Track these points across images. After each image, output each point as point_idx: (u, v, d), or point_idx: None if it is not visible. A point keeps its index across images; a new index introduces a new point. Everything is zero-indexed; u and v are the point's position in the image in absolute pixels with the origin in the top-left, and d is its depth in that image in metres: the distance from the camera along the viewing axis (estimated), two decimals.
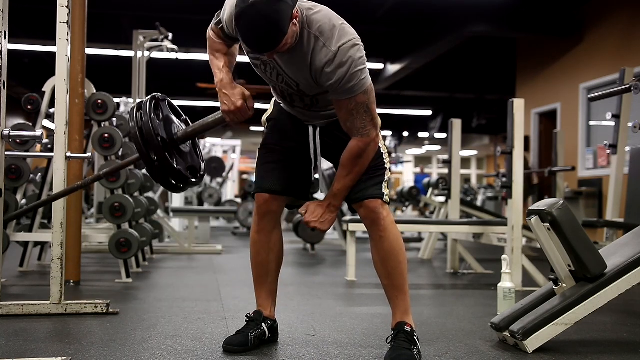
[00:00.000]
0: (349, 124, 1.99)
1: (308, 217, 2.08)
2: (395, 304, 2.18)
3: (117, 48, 9.54)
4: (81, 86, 3.75)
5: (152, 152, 2.01)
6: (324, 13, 1.94)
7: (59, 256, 2.76)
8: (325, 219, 2.08)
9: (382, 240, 2.12)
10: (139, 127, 2.01)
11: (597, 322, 2.75)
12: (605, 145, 4.86)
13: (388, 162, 2.20)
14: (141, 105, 2.07)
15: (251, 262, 2.30)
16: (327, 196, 2.09)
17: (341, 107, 1.97)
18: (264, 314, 2.26)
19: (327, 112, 2.13)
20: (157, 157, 2.01)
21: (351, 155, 2.02)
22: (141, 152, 2.02)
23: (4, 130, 1.84)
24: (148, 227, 4.69)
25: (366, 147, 2.01)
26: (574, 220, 2.28)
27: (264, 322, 2.24)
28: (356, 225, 4.34)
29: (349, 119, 1.97)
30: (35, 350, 2.14)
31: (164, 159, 2.01)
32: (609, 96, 3.08)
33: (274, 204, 2.21)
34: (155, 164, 2.02)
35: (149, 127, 2.00)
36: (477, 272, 4.78)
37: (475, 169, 22.93)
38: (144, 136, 2.00)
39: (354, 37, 1.92)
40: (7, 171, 3.89)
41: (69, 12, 2.77)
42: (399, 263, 2.15)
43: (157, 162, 2.01)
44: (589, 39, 8.14)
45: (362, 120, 1.97)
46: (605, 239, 4.99)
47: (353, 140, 2.01)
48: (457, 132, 5.12)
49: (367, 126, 1.99)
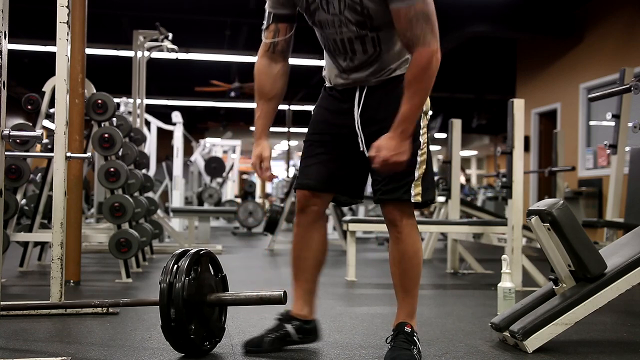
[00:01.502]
0: (409, 33, 1.91)
1: (384, 154, 1.87)
2: (400, 305, 2.16)
3: (117, 48, 9.53)
4: (81, 86, 3.75)
5: (173, 310, 1.95)
6: None
7: (59, 256, 2.76)
8: (403, 149, 1.90)
9: (398, 241, 2.10)
10: (169, 281, 1.97)
11: (597, 322, 2.75)
12: (605, 145, 4.86)
13: (424, 149, 2.08)
14: (180, 257, 2.03)
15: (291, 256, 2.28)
16: (395, 125, 1.91)
17: (400, 16, 1.90)
18: (292, 313, 2.21)
19: (387, 57, 2.05)
20: (176, 318, 1.95)
21: (416, 69, 1.92)
22: (162, 307, 1.97)
23: (4, 130, 1.84)
24: (148, 227, 4.69)
25: (429, 58, 1.92)
26: (574, 220, 2.28)
27: (290, 322, 2.18)
28: (356, 225, 4.35)
29: (408, 28, 1.90)
30: (35, 350, 2.14)
31: (182, 323, 1.96)
32: (609, 96, 3.07)
33: (313, 200, 2.15)
34: (172, 324, 1.97)
35: (179, 287, 1.95)
36: (477, 272, 4.78)
37: (475, 169, 22.93)
38: (171, 294, 1.95)
39: None
40: (7, 171, 3.88)
41: (69, 12, 2.77)
42: (412, 266, 2.12)
43: (174, 324, 1.96)
44: (589, 39, 8.14)
45: (422, 29, 1.90)
46: (605, 239, 4.98)
47: (415, 54, 1.93)
48: (457, 132, 5.12)
49: (428, 35, 1.92)
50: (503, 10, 8.01)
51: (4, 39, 1.82)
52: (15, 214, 3.91)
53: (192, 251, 2.06)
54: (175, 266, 2.00)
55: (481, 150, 20.84)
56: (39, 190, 4.19)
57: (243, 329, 2.50)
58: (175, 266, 2.00)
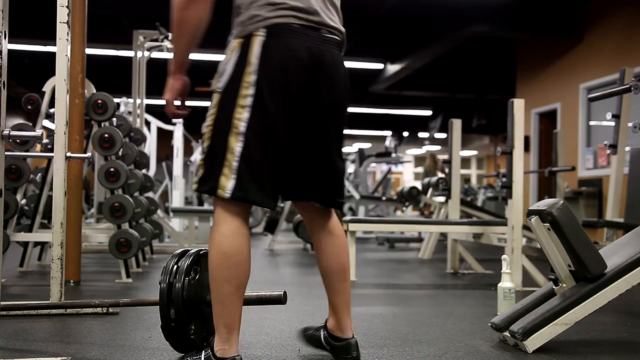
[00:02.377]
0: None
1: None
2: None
3: (117, 48, 9.53)
4: (81, 86, 3.75)
5: (173, 310, 1.95)
6: None
7: (59, 256, 2.76)
8: (167, 86, 1.86)
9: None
10: (169, 281, 1.96)
11: (597, 322, 2.75)
12: (605, 145, 4.86)
13: (210, 121, 1.74)
14: (181, 257, 2.02)
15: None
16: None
17: None
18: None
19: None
20: (176, 318, 1.94)
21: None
22: (162, 307, 1.96)
23: (4, 130, 1.84)
24: (148, 227, 4.69)
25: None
26: (574, 220, 2.28)
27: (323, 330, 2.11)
28: (356, 225, 4.35)
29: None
30: (35, 350, 2.15)
31: (182, 323, 1.95)
32: (609, 96, 3.07)
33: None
34: (172, 324, 1.96)
35: (179, 287, 1.94)
36: (477, 272, 4.78)
37: (475, 169, 22.94)
38: (171, 294, 1.95)
39: None
40: (7, 171, 3.89)
41: (69, 12, 2.77)
42: (211, 270, 1.74)
43: (174, 324, 1.96)
44: (589, 39, 8.15)
45: None
46: (605, 239, 4.99)
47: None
48: (457, 132, 5.12)
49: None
50: (503, 10, 8.02)
51: (4, 39, 1.82)
52: (15, 214, 3.91)
53: (192, 251, 2.06)
54: (175, 266, 2.00)
55: (481, 150, 20.85)
56: (39, 190, 4.19)
57: (243, 329, 2.49)
58: (175, 266, 2.00)
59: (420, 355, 2.14)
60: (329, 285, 2.01)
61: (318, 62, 1.77)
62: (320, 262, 2.00)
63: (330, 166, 1.88)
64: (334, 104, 1.84)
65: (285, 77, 1.71)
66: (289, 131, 1.76)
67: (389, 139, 11.14)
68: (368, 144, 20.01)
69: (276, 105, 1.71)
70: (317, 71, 1.77)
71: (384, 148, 11.09)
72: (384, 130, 17.59)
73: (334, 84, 1.82)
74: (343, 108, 1.89)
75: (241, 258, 1.70)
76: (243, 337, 2.26)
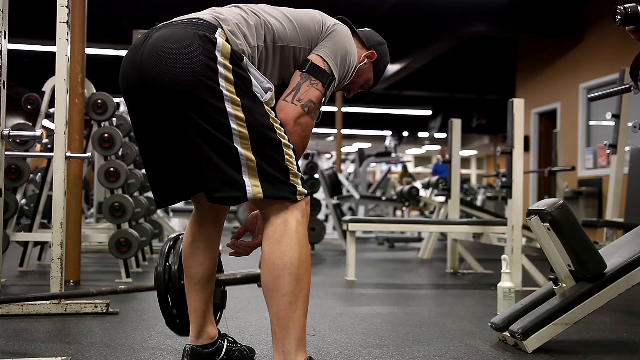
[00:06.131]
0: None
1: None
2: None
3: (117, 48, 9.54)
4: (81, 86, 3.75)
5: (171, 296, 1.95)
6: None
7: (59, 256, 2.76)
8: None
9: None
10: (166, 265, 1.96)
11: (597, 322, 2.75)
12: (605, 145, 4.86)
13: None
14: (177, 240, 2.02)
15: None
16: None
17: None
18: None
19: None
20: (173, 300, 1.95)
21: None
22: (160, 292, 1.96)
23: (4, 130, 1.84)
24: (148, 227, 4.69)
25: None
26: (574, 220, 2.28)
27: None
28: (356, 225, 4.35)
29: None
30: (35, 350, 2.14)
31: (180, 305, 1.95)
32: (609, 96, 3.05)
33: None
34: (171, 310, 1.96)
35: (176, 270, 1.95)
36: (477, 272, 4.78)
37: (475, 169, 22.94)
38: (169, 279, 1.95)
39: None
40: (7, 171, 3.89)
41: (69, 12, 2.77)
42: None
43: (172, 307, 1.96)
44: (589, 39, 8.15)
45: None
46: (605, 239, 4.99)
47: None
48: (457, 132, 5.12)
49: None
50: (503, 10, 8.02)
51: (4, 39, 1.82)
52: (15, 214, 3.91)
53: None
54: (172, 250, 2.01)
55: (481, 150, 20.85)
56: (39, 190, 4.19)
57: (243, 329, 2.50)
58: (172, 250, 2.01)
59: (420, 355, 2.15)
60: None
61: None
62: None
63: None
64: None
65: None
66: None
67: (389, 139, 11.16)
68: (368, 144, 20.02)
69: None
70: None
71: (384, 148, 11.09)
72: (384, 130, 17.61)
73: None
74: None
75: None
76: (243, 337, 2.26)
